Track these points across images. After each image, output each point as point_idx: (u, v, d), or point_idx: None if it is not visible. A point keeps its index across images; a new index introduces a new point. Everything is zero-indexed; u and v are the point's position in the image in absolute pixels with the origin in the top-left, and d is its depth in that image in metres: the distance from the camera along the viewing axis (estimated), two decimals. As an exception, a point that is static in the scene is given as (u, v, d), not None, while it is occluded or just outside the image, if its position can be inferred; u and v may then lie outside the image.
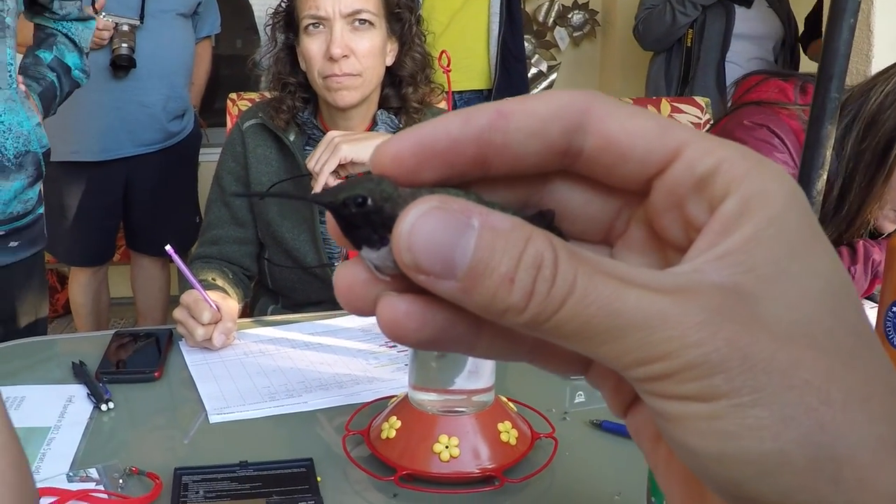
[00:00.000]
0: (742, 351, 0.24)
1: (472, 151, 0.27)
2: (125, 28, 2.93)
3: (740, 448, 0.25)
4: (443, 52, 1.02)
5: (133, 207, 3.21)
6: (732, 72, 3.64)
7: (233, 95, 2.62)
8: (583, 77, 4.91)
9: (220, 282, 1.68)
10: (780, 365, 0.24)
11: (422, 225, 0.25)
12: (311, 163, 1.65)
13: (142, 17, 2.94)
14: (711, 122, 2.76)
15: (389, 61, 1.81)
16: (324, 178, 1.64)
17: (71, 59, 2.08)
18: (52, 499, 1.00)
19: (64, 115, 2.95)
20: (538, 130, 0.27)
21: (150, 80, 3.01)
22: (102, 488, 1.03)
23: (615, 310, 0.25)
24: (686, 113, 2.73)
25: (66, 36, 2.04)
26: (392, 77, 1.83)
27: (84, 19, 2.06)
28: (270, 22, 1.82)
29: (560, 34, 4.81)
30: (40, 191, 1.96)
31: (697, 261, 0.26)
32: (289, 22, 1.78)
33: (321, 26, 1.73)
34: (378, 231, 0.27)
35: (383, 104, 1.85)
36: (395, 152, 0.27)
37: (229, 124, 2.62)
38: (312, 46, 1.73)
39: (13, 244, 1.88)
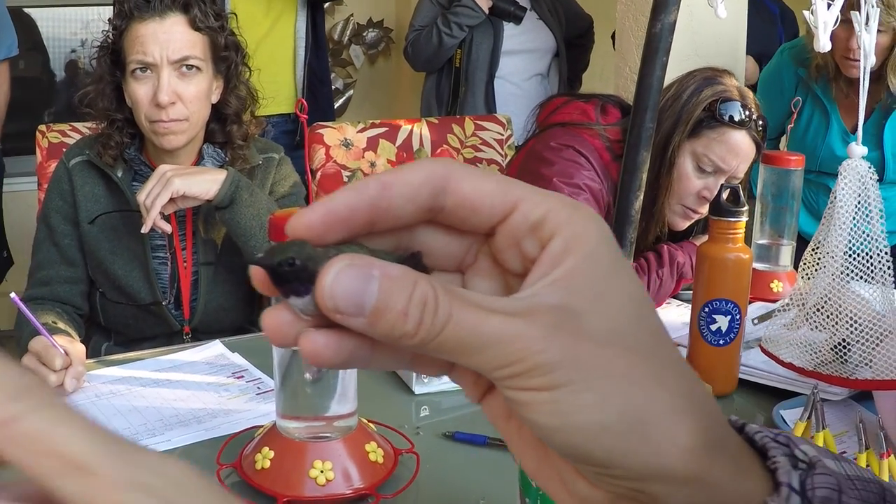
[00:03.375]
0: (572, 354, 0.34)
1: (364, 216, 0.36)
2: None
3: (575, 421, 0.35)
4: (300, 99, 1.09)
5: (-64, 247, 3.05)
6: (503, 88, 3.66)
7: (42, 127, 2.55)
8: (378, 94, 5.01)
9: (61, 325, 1.67)
10: (599, 362, 0.35)
11: (339, 279, 0.33)
12: (142, 196, 1.66)
13: (-63, 44, 2.80)
14: (513, 137, 2.91)
15: (215, 99, 1.84)
16: (155, 212, 1.66)
17: None
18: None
19: None
20: (413, 196, 0.36)
21: (-52, 109, 2.88)
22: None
23: (481, 331, 0.34)
24: (489, 130, 2.86)
25: None
26: (217, 113, 1.86)
27: None
28: (96, 55, 1.81)
29: (355, 52, 4.91)
30: None
31: (535, 287, 0.36)
32: (115, 59, 1.78)
33: (148, 71, 1.74)
34: (304, 284, 0.35)
35: (209, 138, 1.88)
36: (308, 221, 0.36)
37: (39, 157, 2.56)
38: (139, 91, 1.74)
39: None
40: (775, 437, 0.40)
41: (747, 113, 1.86)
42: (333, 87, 4.52)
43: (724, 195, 1.46)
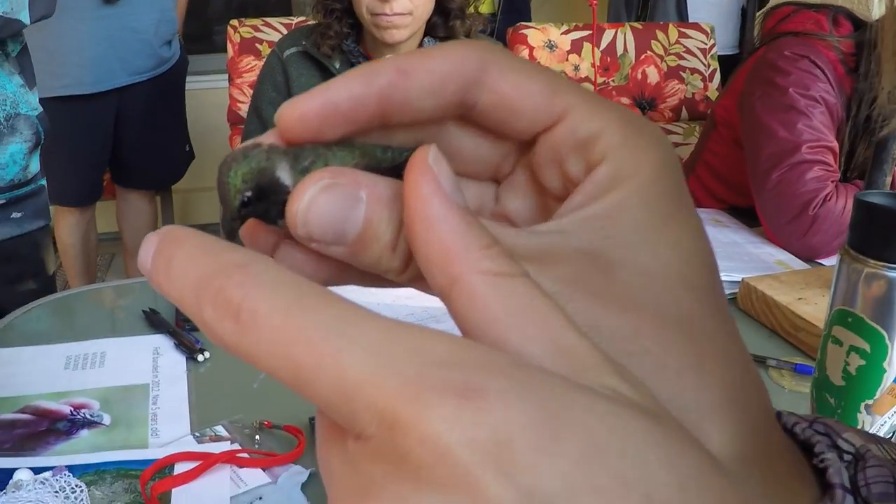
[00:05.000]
0: (588, 318, 0.26)
1: (372, 109, 0.28)
2: None
3: None
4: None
5: (123, 140, 3.07)
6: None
7: (234, 22, 2.55)
8: (558, -1, 4.85)
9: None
10: (622, 333, 0.26)
11: (315, 202, 0.26)
12: None
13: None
14: (715, 46, 2.75)
15: None
16: None
17: None
18: (194, 463, 0.94)
19: (53, 48, 2.82)
20: (436, 88, 0.28)
21: (140, 4, 2.87)
22: (239, 447, 0.98)
23: None
24: (693, 38, 2.71)
25: None
26: (440, 6, 1.76)
27: None
28: None
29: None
30: (41, 164, 1.83)
31: (564, 220, 0.28)
32: (335, -50, 1.70)
33: None
34: (274, 208, 0.28)
35: (429, 32, 1.78)
36: (301, 113, 0.28)
37: (230, 52, 2.54)
38: None
39: (16, 215, 1.76)
40: (811, 424, 0.32)
41: None
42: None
43: None
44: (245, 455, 0.96)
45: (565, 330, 0.23)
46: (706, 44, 2.72)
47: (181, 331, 1.26)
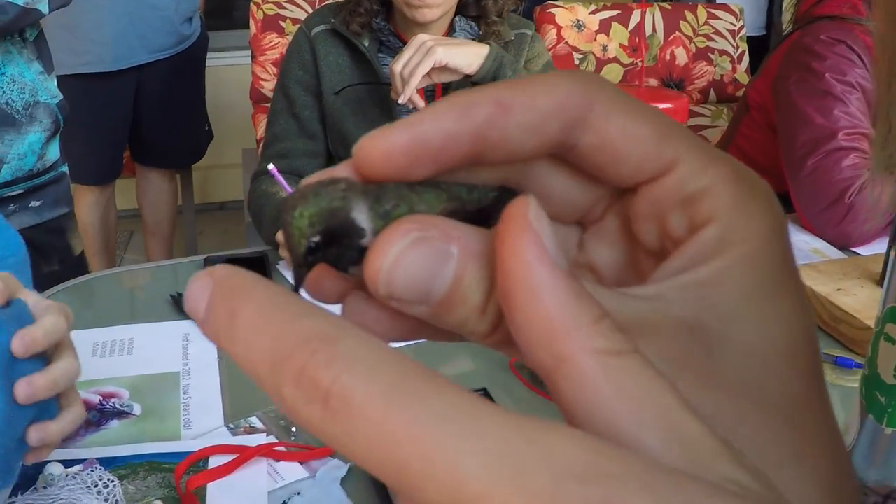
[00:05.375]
0: (693, 403, 0.23)
1: (466, 148, 0.26)
2: None
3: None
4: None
5: (143, 119, 3.05)
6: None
7: (257, -1, 2.51)
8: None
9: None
10: (725, 420, 0.24)
11: (402, 260, 0.23)
12: (398, 66, 1.53)
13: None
14: (744, 28, 2.70)
15: None
16: (416, 82, 1.52)
17: None
18: (229, 457, 0.92)
19: (73, 26, 2.79)
20: (537, 126, 0.26)
21: (161, -20, 2.85)
22: (275, 439, 0.96)
23: None
24: (722, 19, 2.66)
25: None
26: None
27: None
28: None
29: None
30: (61, 151, 1.79)
31: (663, 284, 0.25)
32: (364, -75, 1.66)
33: None
34: (347, 254, 0.25)
35: (461, 10, 1.73)
36: (385, 150, 0.25)
37: (253, 29, 2.50)
38: None
39: (35, 204, 1.74)
40: (885, 500, 0.31)
41: None
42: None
43: None
44: (282, 448, 0.94)
45: (682, 415, 0.21)
46: (735, 25, 2.67)
47: (210, 317, 1.24)
